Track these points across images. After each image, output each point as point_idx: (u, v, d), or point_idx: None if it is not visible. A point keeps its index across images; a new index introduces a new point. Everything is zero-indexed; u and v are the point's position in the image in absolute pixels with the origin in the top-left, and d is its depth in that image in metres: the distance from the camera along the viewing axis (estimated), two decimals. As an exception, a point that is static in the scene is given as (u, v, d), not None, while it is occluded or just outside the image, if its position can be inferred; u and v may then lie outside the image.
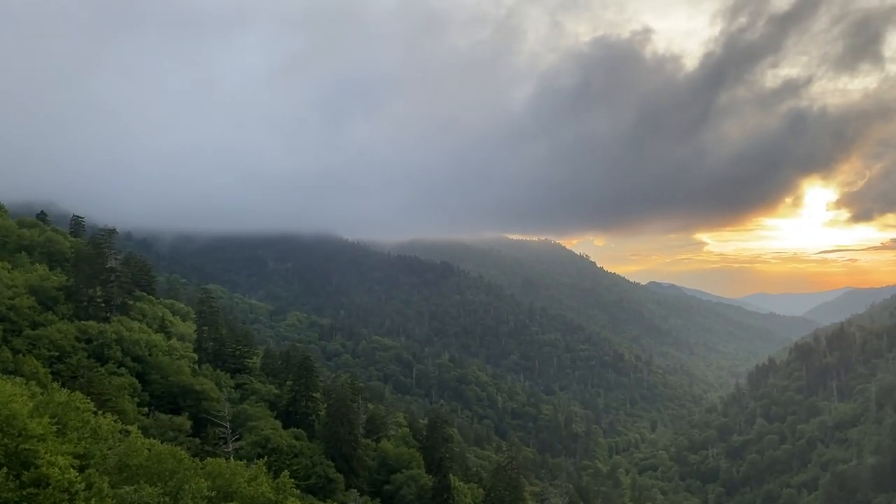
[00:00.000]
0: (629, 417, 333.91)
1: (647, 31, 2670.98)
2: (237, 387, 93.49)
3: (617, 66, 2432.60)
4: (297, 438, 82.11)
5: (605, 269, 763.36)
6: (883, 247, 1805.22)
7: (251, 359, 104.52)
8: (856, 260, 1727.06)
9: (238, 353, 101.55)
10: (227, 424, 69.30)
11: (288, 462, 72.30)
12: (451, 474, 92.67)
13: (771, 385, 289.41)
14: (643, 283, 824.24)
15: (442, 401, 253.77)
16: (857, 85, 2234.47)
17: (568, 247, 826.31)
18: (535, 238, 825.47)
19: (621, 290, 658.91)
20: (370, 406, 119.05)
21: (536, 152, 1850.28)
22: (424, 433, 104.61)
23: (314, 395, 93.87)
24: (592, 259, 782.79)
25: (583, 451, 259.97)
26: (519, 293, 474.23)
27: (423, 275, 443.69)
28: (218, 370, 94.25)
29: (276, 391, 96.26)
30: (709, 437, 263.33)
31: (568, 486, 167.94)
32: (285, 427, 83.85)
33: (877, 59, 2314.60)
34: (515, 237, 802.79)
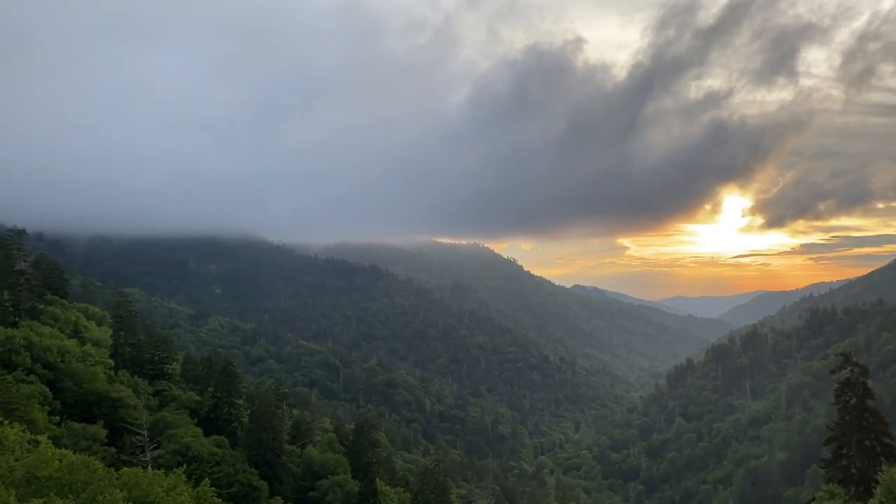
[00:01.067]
0: (554, 418, 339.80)
1: (578, 41, 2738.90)
2: (156, 393, 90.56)
3: (549, 75, 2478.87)
4: (218, 446, 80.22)
5: (533, 272, 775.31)
6: (793, 252, 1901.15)
7: (171, 365, 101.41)
8: (768, 264, 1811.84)
9: (157, 358, 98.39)
10: (145, 432, 67.14)
11: (209, 470, 70.66)
12: (377, 479, 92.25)
13: (689, 385, 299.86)
14: (568, 286, 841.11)
15: (369, 405, 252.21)
16: (774, 97, 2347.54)
17: (497, 251, 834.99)
18: (464, 242, 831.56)
19: (547, 293, 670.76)
20: (295, 412, 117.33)
21: (470, 157, 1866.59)
22: (351, 438, 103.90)
23: (237, 401, 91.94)
24: (520, 263, 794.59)
25: (509, 452, 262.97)
26: (448, 297, 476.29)
27: (351, 278, 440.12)
28: (135, 377, 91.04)
29: (198, 398, 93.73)
30: (630, 437, 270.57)
31: (494, 488, 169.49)
32: (207, 434, 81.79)
33: (792, 73, 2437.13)
34: (445, 241, 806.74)
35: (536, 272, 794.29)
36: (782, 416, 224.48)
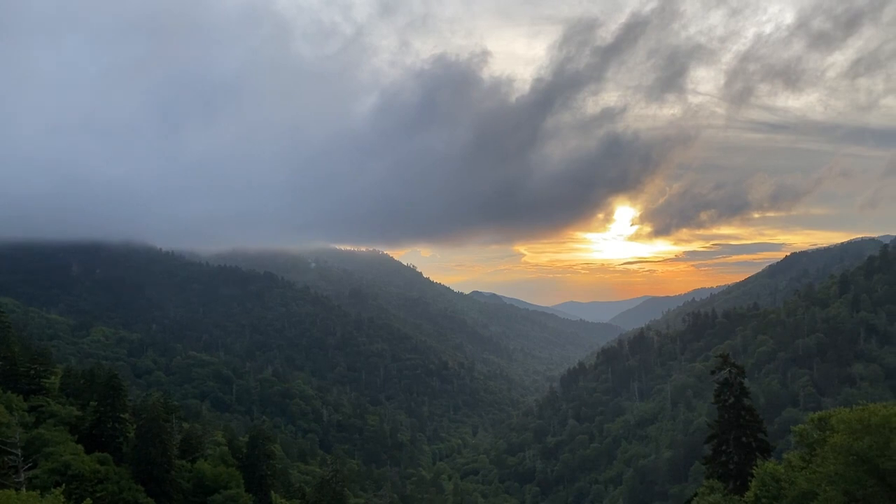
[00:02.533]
0: (453, 423, 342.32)
1: (484, 54, 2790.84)
2: (31, 409, 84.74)
3: (455, 86, 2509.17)
4: (102, 463, 75.91)
5: (432, 279, 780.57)
6: (677, 259, 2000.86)
7: (48, 378, 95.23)
8: (654, 271, 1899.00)
9: (33, 372, 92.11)
10: (19, 451, 62.65)
11: (91, 489, 66.93)
12: (272, 491, 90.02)
13: (581, 387, 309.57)
14: (467, 292, 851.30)
15: (264, 417, 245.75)
16: (665, 113, 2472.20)
17: (396, 257, 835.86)
18: (363, 249, 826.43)
19: (446, 300, 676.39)
20: (185, 425, 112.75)
21: (374, 165, 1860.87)
22: (245, 451, 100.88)
23: (122, 415, 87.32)
24: (419, 269, 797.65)
25: (407, 459, 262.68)
26: (346, 304, 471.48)
27: (245, 286, 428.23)
28: (9, 392, 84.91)
29: (79, 413, 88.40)
30: (526, 440, 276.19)
31: (392, 496, 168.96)
32: (88, 451, 77.24)
33: (681, 91, 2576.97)
34: (344, 248, 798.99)
35: (436, 279, 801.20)
36: (668, 416, 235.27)
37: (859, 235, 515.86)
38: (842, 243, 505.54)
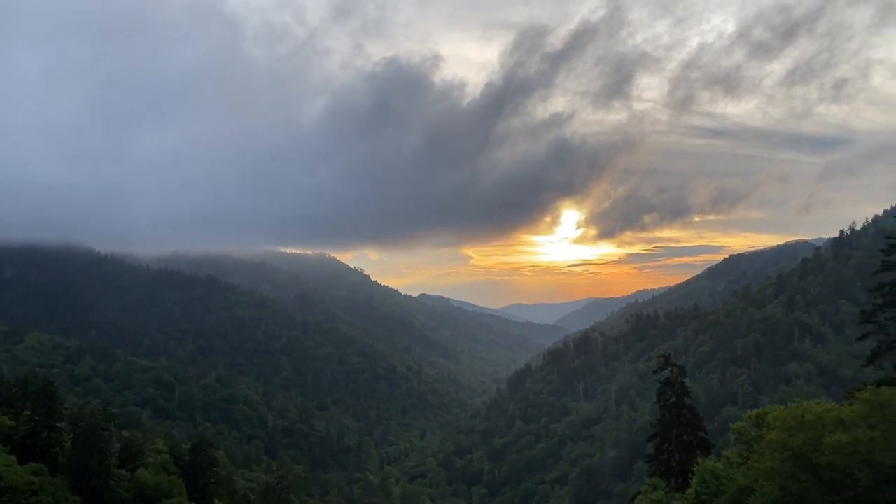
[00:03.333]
0: (400, 427, 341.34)
1: (436, 58, 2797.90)
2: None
3: (407, 90, 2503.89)
4: (36, 474, 73.28)
5: (380, 282, 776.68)
6: (620, 261, 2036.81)
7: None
8: (598, 273, 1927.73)
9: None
10: (-54, 465, 60.01)
11: (25, 501, 64.49)
12: (216, 499, 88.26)
13: (528, 389, 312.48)
14: (415, 295, 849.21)
15: (208, 423, 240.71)
16: (611, 119, 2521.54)
17: (343, 260, 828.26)
18: (310, 252, 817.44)
19: (394, 303, 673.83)
20: (125, 434, 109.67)
21: (324, 168, 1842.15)
22: (187, 458, 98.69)
23: (58, 424, 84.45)
24: (367, 273, 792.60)
25: (355, 464, 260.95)
26: (292, 308, 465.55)
27: (187, 290, 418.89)
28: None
29: (11, 423, 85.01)
30: (473, 442, 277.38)
31: (339, 501, 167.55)
32: (22, 462, 74.44)
33: (627, 97, 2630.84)
34: (291, 251, 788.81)
35: (384, 282, 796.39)
36: (612, 416, 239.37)
37: (794, 238, 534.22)
38: (778, 246, 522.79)
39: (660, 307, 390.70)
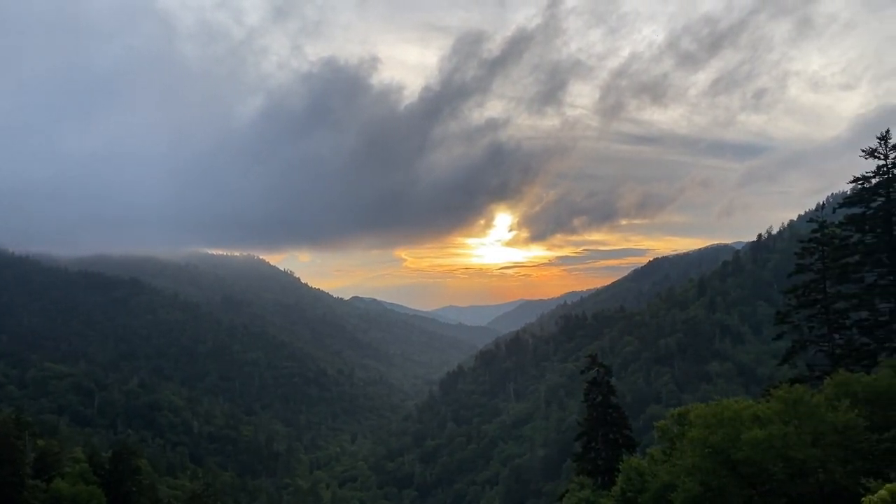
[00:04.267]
0: (331, 431, 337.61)
1: (374, 60, 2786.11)
2: None
3: (344, 92, 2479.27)
4: (-60, 489, 69.22)
5: (310, 284, 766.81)
6: (550, 263, 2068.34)
7: None
8: (529, 275, 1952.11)
9: None
10: None
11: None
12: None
13: (460, 390, 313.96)
14: (347, 297, 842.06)
15: (130, 430, 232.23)
16: (545, 125, 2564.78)
17: (272, 262, 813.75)
18: (237, 253, 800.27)
19: (325, 306, 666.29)
20: (40, 442, 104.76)
21: (257, 170, 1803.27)
22: (108, 467, 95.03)
23: (-35, 435, 79.95)
24: (297, 275, 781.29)
25: (284, 469, 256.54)
26: (219, 311, 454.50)
27: (108, 292, 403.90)
28: None
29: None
30: (405, 444, 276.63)
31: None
32: (-76, 476, 70.21)
33: (560, 104, 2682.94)
34: (217, 252, 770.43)
35: (314, 284, 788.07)
36: (542, 416, 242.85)
37: (715, 242, 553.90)
38: (700, 249, 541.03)
39: (588, 309, 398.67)
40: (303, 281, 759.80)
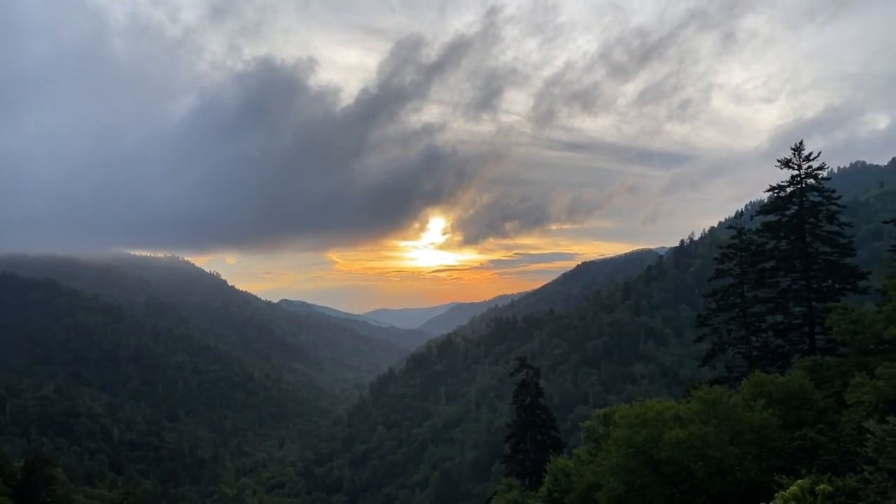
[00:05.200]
0: (258, 437, 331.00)
1: (311, 61, 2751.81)
2: None
3: (279, 92, 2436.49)
4: None
5: (238, 287, 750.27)
6: (482, 267, 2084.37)
7: None
8: (462, 278, 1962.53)
9: None
10: None
11: None
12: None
13: (391, 394, 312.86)
14: (275, 300, 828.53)
15: (44, 438, 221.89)
16: (480, 130, 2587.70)
17: (198, 264, 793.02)
18: (161, 255, 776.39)
19: (253, 309, 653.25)
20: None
21: (187, 170, 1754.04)
22: (19, 477, 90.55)
23: None
24: (224, 277, 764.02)
25: (209, 476, 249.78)
26: (142, 314, 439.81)
27: (22, 294, 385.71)
28: None
29: None
30: (334, 449, 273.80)
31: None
32: None
33: (495, 110, 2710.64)
34: (141, 254, 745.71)
35: (242, 287, 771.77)
36: (472, 418, 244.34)
37: (641, 247, 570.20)
38: (626, 254, 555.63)
39: (518, 311, 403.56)
40: (230, 283, 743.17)
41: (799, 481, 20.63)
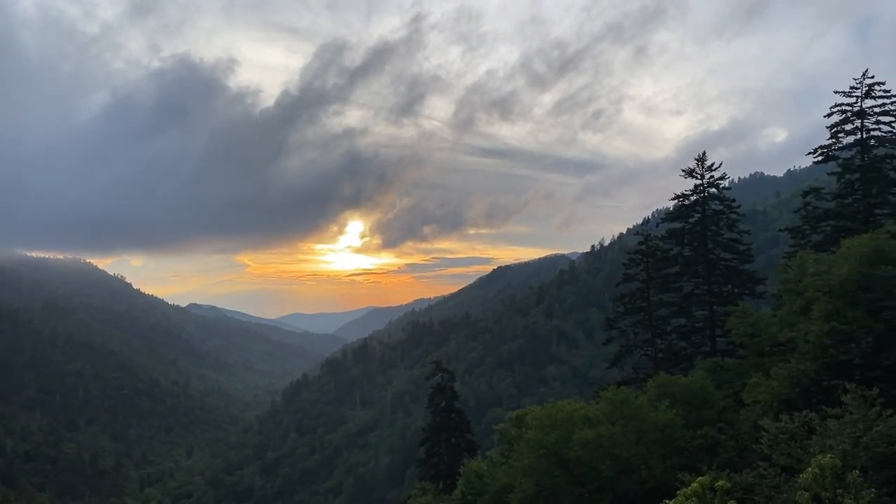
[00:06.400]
0: (164, 445, 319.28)
1: (231, 62, 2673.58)
2: None
3: (197, 92, 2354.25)
4: None
5: (143, 290, 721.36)
6: (400, 270, 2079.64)
7: None
8: (379, 282, 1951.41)
9: None
10: None
11: None
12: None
13: (304, 400, 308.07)
14: (183, 304, 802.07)
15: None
16: (402, 135, 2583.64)
17: (101, 266, 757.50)
18: (61, 256, 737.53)
19: (159, 313, 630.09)
20: None
21: (93, 168, 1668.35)
22: None
23: None
24: (129, 280, 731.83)
25: (111, 488, 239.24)
26: (39, 318, 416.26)
27: None
28: None
29: None
30: (245, 457, 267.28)
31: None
32: None
33: (417, 116, 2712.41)
34: (38, 255, 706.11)
35: (148, 290, 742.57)
36: (387, 423, 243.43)
37: (554, 252, 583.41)
38: (540, 258, 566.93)
39: (435, 315, 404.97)
40: (135, 286, 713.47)
41: (700, 478, 21.41)
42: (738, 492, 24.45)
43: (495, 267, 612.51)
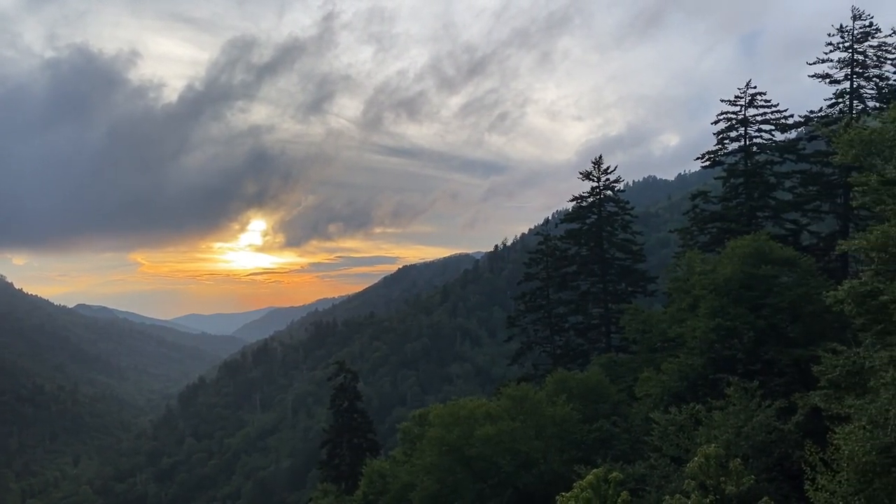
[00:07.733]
0: (49, 454, 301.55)
1: (133, 54, 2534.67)
2: None
3: (95, 85, 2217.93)
4: None
5: (26, 290, 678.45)
6: (303, 270, 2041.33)
7: None
8: (280, 281, 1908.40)
9: None
10: None
11: None
12: None
13: (201, 404, 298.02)
14: (71, 305, 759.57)
15: None
16: (309, 133, 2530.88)
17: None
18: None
19: (45, 314, 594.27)
20: None
21: None
22: None
23: None
24: (10, 280, 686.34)
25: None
26: None
27: None
28: None
29: None
30: (138, 464, 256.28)
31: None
32: None
33: (325, 114, 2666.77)
34: None
35: (32, 290, 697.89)
36: (289, 425, 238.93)
37: (459, 251, 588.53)
38: (445, 258, 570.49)
39: (339, 315, 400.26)
40: (17, 286, 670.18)
41: (595, 470, 22.14)
42: (630, 483, 25.44)
43: (400, 266, 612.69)
